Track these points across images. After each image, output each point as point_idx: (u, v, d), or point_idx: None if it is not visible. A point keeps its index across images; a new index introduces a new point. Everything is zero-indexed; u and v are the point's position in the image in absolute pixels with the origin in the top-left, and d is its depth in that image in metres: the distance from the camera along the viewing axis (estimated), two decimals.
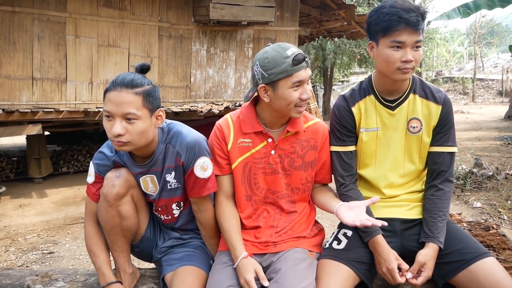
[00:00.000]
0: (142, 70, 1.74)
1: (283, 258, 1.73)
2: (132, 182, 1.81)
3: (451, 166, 1.82)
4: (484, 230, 2.11)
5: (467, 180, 6.07)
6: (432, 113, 1.80)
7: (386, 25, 1.65)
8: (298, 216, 1.87)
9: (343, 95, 1.91)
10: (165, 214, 1.93)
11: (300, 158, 1.84)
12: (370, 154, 1.86)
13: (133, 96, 1.62)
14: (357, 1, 14.57)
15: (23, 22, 6.01)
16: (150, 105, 1.67)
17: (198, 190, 1.80)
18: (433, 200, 1.80)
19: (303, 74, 1.68)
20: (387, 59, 1.69)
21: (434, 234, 1.72)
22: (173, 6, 7.13)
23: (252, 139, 1.82)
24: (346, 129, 1.86)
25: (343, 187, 1.87)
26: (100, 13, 6.55)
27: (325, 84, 18.57)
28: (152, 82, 1.73)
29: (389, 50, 1.68)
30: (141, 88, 1.65)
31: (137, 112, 1.62)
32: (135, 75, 1.68)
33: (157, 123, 1.72)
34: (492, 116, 17.28)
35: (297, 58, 1.66)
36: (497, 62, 33.63)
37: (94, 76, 6.59)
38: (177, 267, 1.82)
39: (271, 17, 7.37)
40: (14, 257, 4.27)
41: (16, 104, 6.03)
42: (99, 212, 1.80)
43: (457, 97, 27.68)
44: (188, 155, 1.76)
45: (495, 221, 4.44)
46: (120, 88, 1.62)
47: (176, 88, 7.35)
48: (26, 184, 7.32)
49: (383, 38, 1.68)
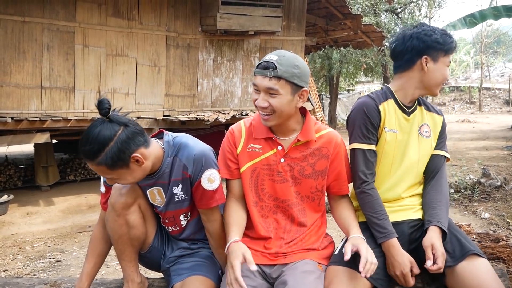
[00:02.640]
0: (105, 112, 1.59)
1: (292, 269, 1.72)
2: (139, 192, 1.82)
3: (444, 168, 1.97)
4: (494, 242, 2.10)
5: (475, 190, 6.03)
6: (436, 123, 1.98)
7: (451, 46, 1.87)
8: (309, 228, 1.86)
9: (368, 95, 1.96)
10: (173, 225, 1.93)
11: (311, 166, 1.83)
12: (389, 155, 1.91)
13: (97, 167, 1.61)
14: (363, 11, 14.62)
15: (32, 32, 6.10)
16: (119, 161, 1.59)
17: (207, 201, 1.80)
18: (430, 194, 1.89)
19: (259, 81, 1.70)
20: (443, 76, 1.90)
21: (435, 219, 1.77)
22: (180, 16, 7.20)
23: (262, 145, 1.83)
24: (372, 126, 1.89)
25: (365, 184, 1.87)
26: (109, 23, 6.62)
27: (331, 93, 18.60)
28: (113, 134, 1.58)
29: (445, 67, 1.89)
30: (101, 156, 1.57)
31: (112, 176, 1.64)
32: (94, 139, 1.56)
33: (140, 164, 1.66)
34: (499, 126, 17.19)
35: (262, 63, 1.71)
36: (504, 71, 33.52)
37: (102, 85, 6.65)
38: (186, 277, 1.82)
39: (278, 26, 7.42)
40: (22, 265, 4.29)
41: (25, 113, 6.09)
42: (107, 222, 1.82)
43: (464, 106, 27.57)
44: (195, 167, 1.75)
45: (504, 232, 4.40)
46: (86, 160, 1.62)
47: (183, 97, 7.39)
48: (34, 192, 7.37)
49: (446, 56, 1.87)
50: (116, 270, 3.90)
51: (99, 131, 1.56)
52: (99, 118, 1.61)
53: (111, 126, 1.58)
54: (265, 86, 1.68)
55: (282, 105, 1.70)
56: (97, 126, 1.58)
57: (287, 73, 1.68)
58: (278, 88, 1.68)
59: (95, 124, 1.59)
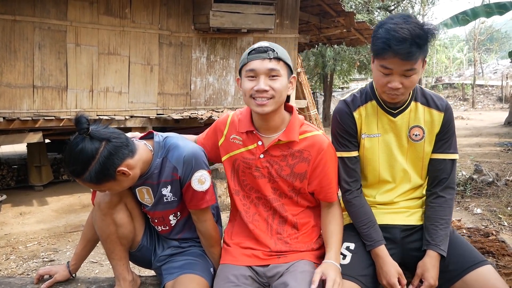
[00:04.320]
0: (84, 131, 1.54)
1: (291, 270, 1.70)
2: (125, 191, 1.80)
3: (452, 173, 1.80)
4: (484, 237, 2.12)
5: (467, 186, 6.07)
6: (435, 120, 1.78)
7: (375, 48, 1.64)
8: (303, 227, 1.84)
9: (344, 100, 1.88)
10: (162, 225, 1.93)
11: (289, 167, 1.78)
12: (373, 160, 1.84)
13: (83, 183, 1.61)
14: (356, 8, 14.66)
15: (24, 31, 6.06)
16: (105, 176, 1.58)
17: (197, 202, 1.79)
18: (434, 208, 1.78)
19: (257, 64, 1.66)
20: (377, 81, 1.71)
21: (435, 241, 1.71)
22: (173, 14, 7.18)
23: (243, 138, 1.83)
24: (348, 134, 1.83)
25: (348, 193, 1.84)
26: (101, 21, 6.59)
27: (325, 90, 18.63)
28: (95, 151, 1.54)
29: (378, 72, 1.68)
30: (85, 174, 1.56)
31: (100, 189, 1.67)
32: (77, 159, 1.54)
33: (127, 176, 1.65)
34: (492, 122, 17.30)
35: (256, 48, 1.69)
36: (497, 68, 33.71)
37: (94, 84, 6.62)
38: (177, 276, 1.82)
39: (271, 24, 7.42)
40: (15, 265, 4.27)
41: (17, 112, 6.06)
42: (95, 222, 1.82)
43: (457, 103, 27.71)
44: (185, 169, 1.74)
45: (495, 227, 4.43)
46: (72, 177, 1.63)
47: (176, 95, 7.37)
48: (27, 192, 7.33)
49: (376, 59, 1.67)
50: (110, 269, 3.89)
51: (80, 150, 1.53)
52: (79, 135, 1.56)
53: (91, 144, 1.54)
54: (267, 68, 1.66)
55: (282, 87, 1.68)
56: (78, 145, 1.53)
57: (284, 56, 1.71)
58: (279, 69, 1.67)
59: (76, 143, 1.54)
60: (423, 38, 1.58)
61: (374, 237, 1.75)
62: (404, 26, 1.57)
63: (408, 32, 1.55)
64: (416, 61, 1.60)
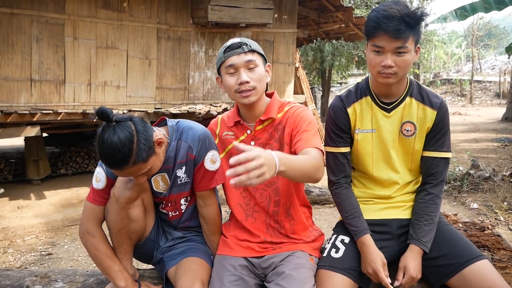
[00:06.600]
0: (111, 119, 1.57)
1: (286, 261, 1.75)
2: (144, 186, 1.81)
3: (444, 171, 1.83)
4: (479, 231, 2.13)
5: (464, 181, 6.10)
6: (427, 117, 1.79)
7: (366, 30, 1.70)
8: (296, 217, 1.87)
9: (339, 95, 1.90)
10: (173, 210, 1.94)
11: (277, 142, 1.84)
12: (366, 155, 1.86)
13: (132, 168, 1.59)
14: (355, 3, 14.62)
15: (21, 24, 6.02)
16: (150, 149, 1.61)
17: (207, 182, 1.84)
18: (421, 204, 1.81)
19: (236, 59, 1.76)
20: (370, 62, 1.74)
21: (418, 236, 1.74)
22: (171, 8, 7.15)
23: (233, 131, 1.91)
24: (340, 130, 1.86)
25: (336, 185, 1.88)
26: (99, 15, 6.55)
27: (323, 85, 18.61)
28: (131, 131, 1.57)
29: (371, 53, 1.71)
30: (133, 155, 1.56)
31: (147, 168, 1.64)
32: (120, 145, 1.53)
33: (161, 145, 1.70)
34: (490, 118, 17.35)
35: (230, 46, 1.78)
36: (495, 64, 33.75)
37: (92, 77, 6.60)
38: (180, 260, 1.84)
39: (269, 19, 7.40)
40: (13, 259, 4.28)
41: (14, 106, 6.04)
42: (108, 214, 1.80)
43: (455, 99, 27.75)
44: (199, 148, 1.80)
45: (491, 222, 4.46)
46: (120, 169, 1.59)
47: (174, 89, 7.36)
48: (25, 185, 7.32)
49: (368, 42, 1.72)
50: None
51: (118, 138, 1.53)
52: (104, 126, 1.57)
53: (123, 128, 1.56)
54: (244, 60, 1.76)
55: (261, 77, 1.78)
56: (112, 133, 1.54)
57: (257, 47, 1.83)
58: (255, 59, 1.78)
59: (108, 134, 1.54)
60: (412, 17, 1.62)
61: (359, 226, 1.78)
62: (394, 6, 1.64)
63: (397, 11, 1.62)
64: (406, 39, 1.63)
